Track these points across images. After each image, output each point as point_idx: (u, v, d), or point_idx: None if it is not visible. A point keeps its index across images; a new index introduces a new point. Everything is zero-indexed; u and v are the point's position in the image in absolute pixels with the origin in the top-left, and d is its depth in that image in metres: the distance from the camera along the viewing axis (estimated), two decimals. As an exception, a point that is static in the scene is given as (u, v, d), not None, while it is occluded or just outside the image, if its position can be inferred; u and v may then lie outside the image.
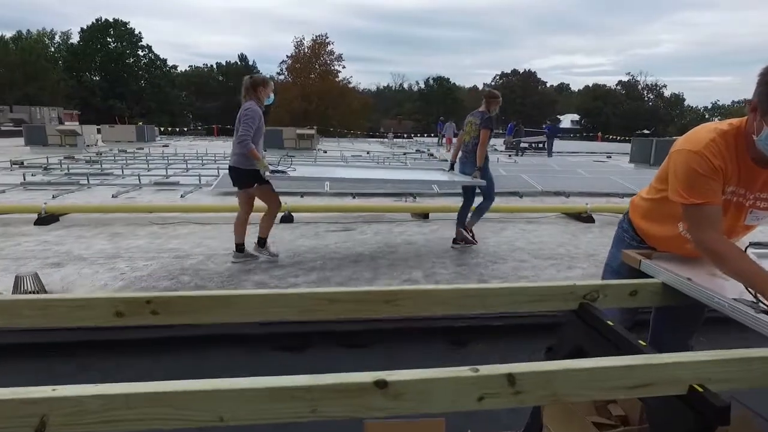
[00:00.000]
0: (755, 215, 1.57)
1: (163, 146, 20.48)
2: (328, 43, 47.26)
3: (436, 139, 27.84)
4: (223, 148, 20.30)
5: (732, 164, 1.48)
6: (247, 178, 4.09)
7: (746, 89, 1.32)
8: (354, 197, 8.00)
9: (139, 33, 51.79)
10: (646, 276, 1.70)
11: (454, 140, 7.39)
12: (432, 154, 17.90)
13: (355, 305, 1.47)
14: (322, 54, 47.29)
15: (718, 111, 66.11)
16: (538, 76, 62.62)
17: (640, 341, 1.33)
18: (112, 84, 48.16)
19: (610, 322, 1.45)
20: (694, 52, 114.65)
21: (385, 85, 72.40)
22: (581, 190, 8.67)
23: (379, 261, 4.43)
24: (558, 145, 21.70)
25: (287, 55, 47.96)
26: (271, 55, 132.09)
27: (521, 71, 61.55)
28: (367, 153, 18.18)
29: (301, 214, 6.30)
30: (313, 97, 44.13)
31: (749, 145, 1.46)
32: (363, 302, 1.47)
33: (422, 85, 63.46)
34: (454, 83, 62.78)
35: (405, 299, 1.49)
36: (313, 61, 47.31)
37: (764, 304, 1.34)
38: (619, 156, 19.38)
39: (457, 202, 7.63)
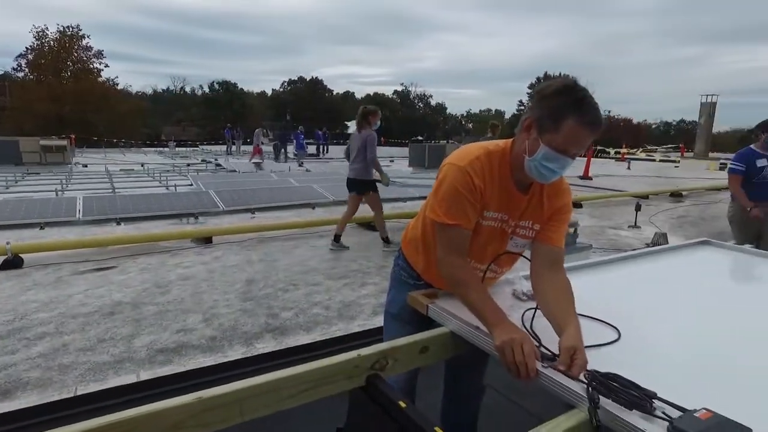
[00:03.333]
0: (515, 242, 1.53)
1: None
2: (83, 37, 40.15)
3: (224, 147, 26.10)
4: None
5: (493, 187, 1.40)
6: (365, 186, 5.31)
7: (490, 101, 1.15)
8: (119, 223, 6.64)
9: None
10: (432, 321, 1.52)
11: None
12: (219, 164, 16.59)
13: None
14: (75, 49, 39.96)
15: (472, 118, 79.56)
16: (325, 83, 64.97)
17: (437, 429, 1.09)
18: None
19: (402, 403, 1.18)
20: (451, 68, 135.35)
21: (164, 88, 65.47)
22: (370, 196, 8.97)
23: (145, 308, 3.59)
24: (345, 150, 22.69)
25: (27, 48, 39.05)
26: (3, 47, 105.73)
27: (308, 78, 62.99)
28: (142, 166, 15.84)
29: (35, 255, 4.85)
30: (67, 99, 36.88)
31: (514, 167, 1.40)
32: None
33: (207, 90, 59.34)
34: (242, 88, 60.32)
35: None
36: (63, 57, 39.59)
37: (548, 350, 1.24)
38: (401, 160, 21.20)
39: (243, 220, 7.03)
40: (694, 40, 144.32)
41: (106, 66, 42.40)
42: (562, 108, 1.22)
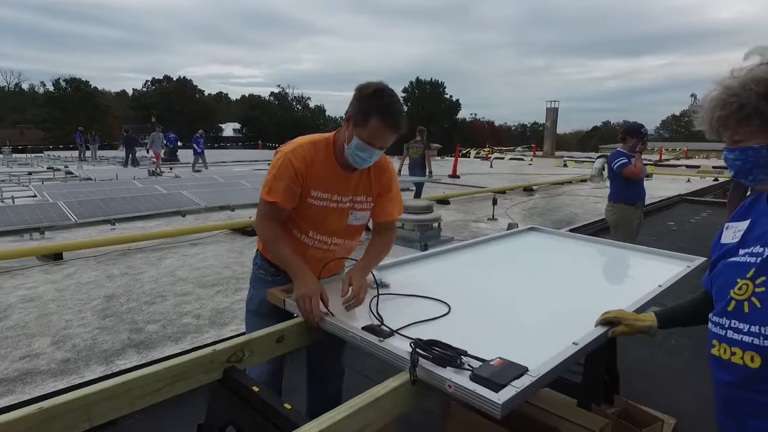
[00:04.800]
0: (355, 216, 1.75)
1: None
2: None
3: (77, 153, 23.16)
4: None
5: (318, 170, 1.60)
6: None
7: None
8: (-63, 244, 5.63)
9: None
10: (289, 314, 1.64)
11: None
12: (71, 172, 14.74)
13: None
14: None
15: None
16: (195, 83, 60.96)
17: (286, 404, 1.21)
18: None
19: (255, 388, 1.28)
20: (329, 70, 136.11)
21: (-7, 84, 55.73)
22: (246, 202, 8.75)
23: (-23, 338, 3.15)
24: (222, 154, 21.58)
25: None
26: None
27: (175, 78, 58.55)
28: (-33, 175, 13.44)
29: None
30: None
31: (339, 153, 1.62)
32: None
33: (51, 88, 51.88)
34: (96, 87, 53.88)
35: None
36: None
37: (387, 327, 1.43)
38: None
39: (101, 233, 6.41)
40: (541, 52, 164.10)
41: None
42: (370, 109, 1.48)
